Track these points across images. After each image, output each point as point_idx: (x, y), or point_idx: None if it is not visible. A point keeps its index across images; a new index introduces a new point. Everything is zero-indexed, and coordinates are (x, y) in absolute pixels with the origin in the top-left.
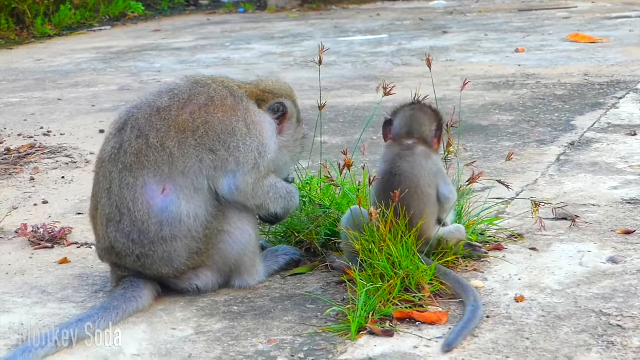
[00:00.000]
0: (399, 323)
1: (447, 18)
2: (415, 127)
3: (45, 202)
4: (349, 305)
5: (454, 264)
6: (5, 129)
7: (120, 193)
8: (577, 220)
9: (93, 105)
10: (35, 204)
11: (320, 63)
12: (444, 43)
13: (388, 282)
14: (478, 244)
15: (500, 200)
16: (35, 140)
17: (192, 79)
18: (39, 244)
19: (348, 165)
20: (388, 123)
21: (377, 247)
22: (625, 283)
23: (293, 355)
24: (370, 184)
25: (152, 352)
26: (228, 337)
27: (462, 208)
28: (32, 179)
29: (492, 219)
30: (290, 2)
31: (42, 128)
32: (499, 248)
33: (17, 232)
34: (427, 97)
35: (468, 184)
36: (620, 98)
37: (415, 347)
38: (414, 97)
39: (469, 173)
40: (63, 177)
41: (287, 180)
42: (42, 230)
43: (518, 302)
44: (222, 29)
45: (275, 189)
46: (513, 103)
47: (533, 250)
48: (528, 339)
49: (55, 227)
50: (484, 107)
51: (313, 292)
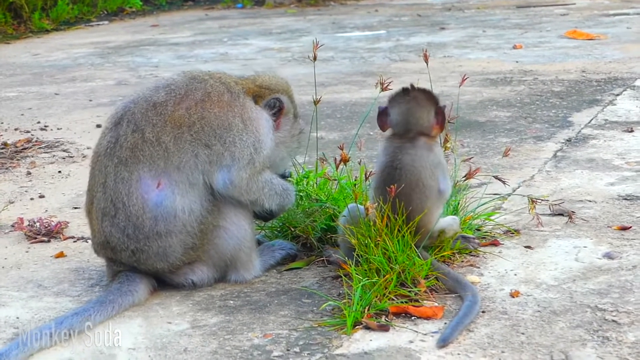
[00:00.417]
0: (395, 318)
1: (445, 14)
2: (413, 122)
3: (42, 196)
4: (345, 300)
5: (451, 259)
6: (2, 124)
7: (116, 187)
8: (573, 217)
9: (90, 100)
10: (32, 199)
11: (315, 59)
12: (442, 39)
13: (384, 277)
14: (471, 236)
15: (497, 196)
16: (32, 135)
17: (189, 75)
18: (36, 238)
19: (345, 161)
20: (383, 113)
21: (373, 242)
22: (621, 279)
23: (289, 350)
24: (367, 179)
25: (148, 346)
26: (224, 331)
27: (458, 203)
28: (29, 174)
29: (489, 214)
30: None
31: (39, 123)
32: (496, 244)
33: (13, 226)
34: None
35: (465, 180)
36: (618, 95)
37: (411, 341)
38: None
39: (466, 169)
40: (60, 171)
41: (283, 176)
42: (38, 225)
43: (514, 297)
44: (220, 25)
45: (271, 186)
46: (510, 99)
47: (529, 246)
48: (524, 334)
49: (52, 221)
50: (482, 103)
51: (309, 286)
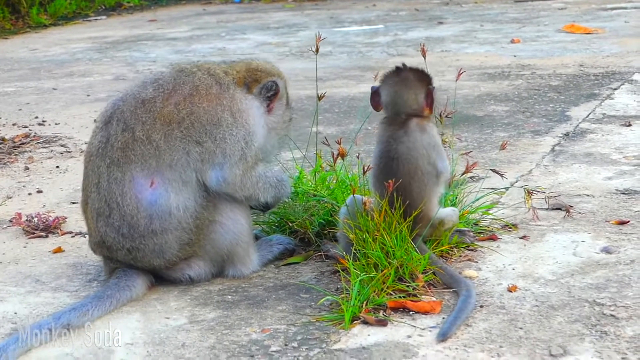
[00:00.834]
0: (393, 313)
1: (443, 9)
2: (401, 103)
3: (40, 191)
4: (343, 295)
5: (449, 254)
6: (0, 119)
7: (109, 188)
8: (571, 211)
9: (88, 95)
10: (30, 194)
11: (318, 52)
12: (440, 34)
13: (382, 271)
14: (467, 229)
15: (495, 190)
16: (30, 130)
17: (177, 68)
18: (34, 234)
19: (342, 155)
20: (376, 93)
21: (371, 236)
22: (619, 273)
23: (287, 345)
24: (365, 174)
25: (145, 341)
26: (222, 326)
27: (456, 198)
28: (26, 169)
29: (487, 206)
30: None
31: (37, 118)
32: (493, 238)
33: (11, 221)
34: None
35: (463, 175)
36: (616, 89)
37: (409, 336)
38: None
39: (464, 163)
40: (58, 166)
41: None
42: (36, 220)
43: (512, 292)
44: (218, 19)
45: (265, 179)
46: (508, 94)
47: (527, 241)
48: (522, 329)
49: (50, 216)
50: (480, 97)
51: (307, 281)
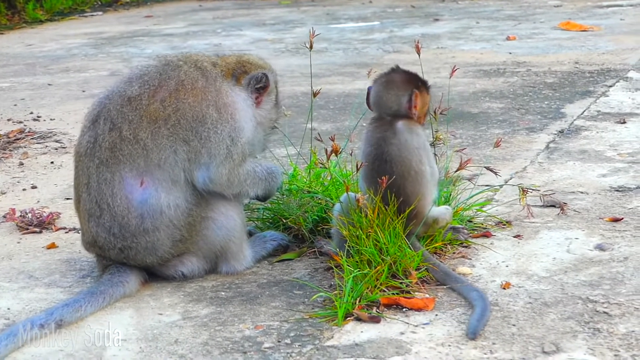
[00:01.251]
0: (386, 309)
1: (439, 6)
2: (382, 105)
3: (34, 187)
4: (336, 292)
5: (442, 251)
6: None
7: (99, 189)
8: (565, 208)
9: (84, 91)
10: (24, 189)
11: (312, 48)
12: (436, 31)
13: (375, 268)
14: (461, 227)
15: (489, 187)
16: (25, 126)
17: (163, 61)
18: (27, 229)
19: (336, 152)
20: (368, 93)
21: (364, 233)
22: (613, 270)
23: (280, 341)
24: (358, 170)
25: (138, 337)
26: (215, 322)
27: (450, 195)
28: (21, 164)
29: (481, 203)
30: None
31: (32, 113)
32: (487, 235)
33: (5, 217)
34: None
35: (457, 171)
36: (611, 86)
37: (402, 333)
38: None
39: (458, 160)
40: (52, 162)
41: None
42: (30, 216)
43: (505, 289)
44: (214, 16)
45: (254, 174)
46: (504, 91)
47: (521, 238)
48: (515, 326)
49: (44, 212)
50: (475, 94)
51: (301, 278)
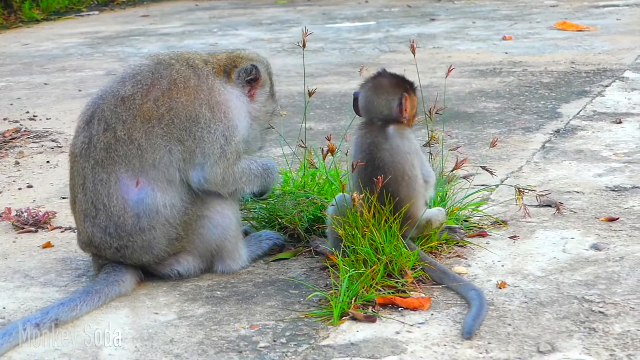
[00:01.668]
0: (382, 309)
1: (435, 6)
2: (372, 109)
3: (30, 186)
4: (332, 291)
5: (438, 250)
6: None
7: (95, 189)
8: (561, 208)
9: (80, 90)
10: (20, 188)
11: (304, 47)
12: (432, 30)
13: (371, 267)
14: (457, 226)
15: (485, 187)
16: (21, 125)
17: (155, 59)
18: (23, 228)
19: (331, 151)
20: (355, 99)
21: (360, 232)
22: (608, 270)
23: (275, 341)
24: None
25: (134, 336)
26: (211, 322)
27: (446, 194)
28: (17, 163)
29: (477, 203)
30: None
31: (28, 112)
32: (483, 235)
33: (1, 216)
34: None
35: (452, 171)
36: (607, 86)
37: (398, 332)
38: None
39: (454, 160)
40: (48, 161)
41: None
42: (26, 215)
43: (501, 288)
44: (210, 15)
45: (249, 172)
46: (500, 91)
47: (516, 237)
48: (510, 325)
49: (40, 211)
50: (471, 94)
51: (296, 277)
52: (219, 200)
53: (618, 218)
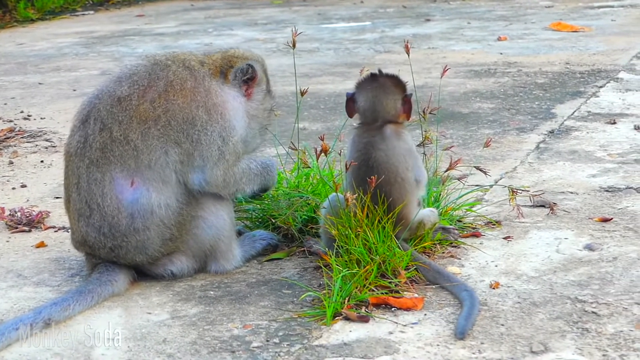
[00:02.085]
0: (375, 309)
1: (430, 6)
2: (380, 109)
3: (24, 186)
4: (325, 291)
5: (431, 250)
6: None
7: (89, 189)
8: (555, 208)
9: (74, 90)
10: (14, 188)
11: (294, 46)
12: (427, 31)
13: (364, 267)
14: (451, 227)
15: (479, 187)
16: (15, 125)
17: (152, 60)
18: (17, 228)
19: (325, 151)
20: (351, 99)
21: (353, 232)
22: (602, 270)
23: (268, 341)
24: (348, 170)
25: (127, 336)
26: (204, 322)
27: (440, 194)
28: (11, 163)
29: (471, 204)
30: None
31: (22, 112)
32: (477, 235)
33: None
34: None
35: (446, 171)
36: (601, 87)
37: (391, 332)
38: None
39: (448, 160)
40: (42, 161)
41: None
42: (19, 214)
43: (494, 288)
44: (205, 15)
45: (249, 172)
46: (494, 91)
47: (510, 238)
48: (503, 325)
49: (33, 211)
50: (465, 94)
51: (290, 277)
52: (214, 201)
53: (612, 219)
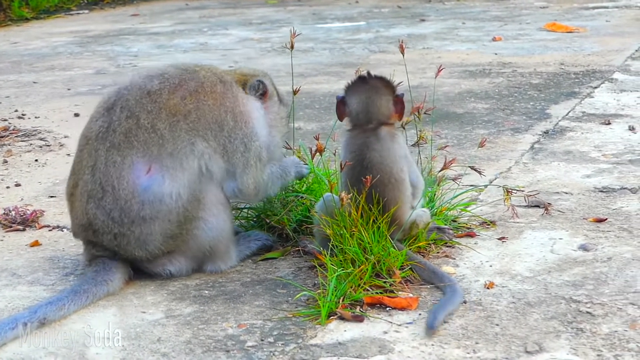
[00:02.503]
0: (370, 308)
1: (425, 6)
2: (374, 111)
3: (18, 185)
4: (320, 291)
5: (426, 250)
6: None
7: (106, 171)
8: (549, 208)
9: (69, 89)
10: (8, 187)
11: (293, 48)
12: (422, 31)
13: (359, 267)
14: (446, 227)
15: (473, 187)
16: (10, 123)
17: (181, 66)
18: (11, 227)
19: (320, 151)
20: (341, 102)
21: (348, 232)
22: (596, 270)
23: (263, 340)
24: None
25: (122, 335)
26: (198, 321)
27: (434, 194)
28: (5, 162)
29: (466, 204)
30: None
31: (16, 111)
32: (471, 235)
33: None
34: (401, 83)
35: (441, 171)
36: (596, 87)
37: (385, 332)
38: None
39: (443, 160)
40: (37, 160)
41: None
42: (14, 213)
43: (489, 288)
44: (200, 15)
45: (273, 178)
46: (489, 91)
47: (505, 238)
48: (498, 325)
49: (28, 210)
50: (460, 95)
51: (284, 277)
52: (217, 203)
53: (606, 219)
